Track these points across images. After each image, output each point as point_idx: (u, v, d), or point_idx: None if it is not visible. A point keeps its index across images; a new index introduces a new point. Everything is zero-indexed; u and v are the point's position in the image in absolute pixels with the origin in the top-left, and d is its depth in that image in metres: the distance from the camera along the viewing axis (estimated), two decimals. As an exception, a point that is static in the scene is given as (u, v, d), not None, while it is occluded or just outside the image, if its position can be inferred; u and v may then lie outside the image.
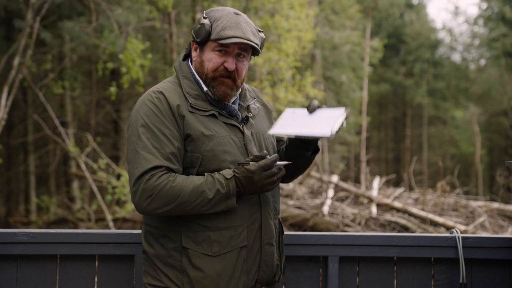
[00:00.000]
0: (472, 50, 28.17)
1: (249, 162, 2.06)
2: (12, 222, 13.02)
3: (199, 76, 2.18)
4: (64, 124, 14.18)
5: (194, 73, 2.20)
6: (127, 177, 9.90)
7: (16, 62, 9.80)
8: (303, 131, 2.08)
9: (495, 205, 10.55)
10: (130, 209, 10.75)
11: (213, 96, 2.17)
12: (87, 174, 11.36)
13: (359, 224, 9.46)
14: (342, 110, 2.11)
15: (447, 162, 26.71)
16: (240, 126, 2.18)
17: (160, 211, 2.04)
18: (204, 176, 2.06)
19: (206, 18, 2.14)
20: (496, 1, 24.24)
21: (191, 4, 12.86)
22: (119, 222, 10.85)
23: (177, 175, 2.04)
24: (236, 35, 2.08)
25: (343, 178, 16.55)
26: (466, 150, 28.03)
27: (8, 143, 15.07)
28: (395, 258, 2.73)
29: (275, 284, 2.28)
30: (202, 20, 2.14)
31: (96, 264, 2.60)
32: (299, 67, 13.70)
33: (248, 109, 2.25)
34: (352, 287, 2.71)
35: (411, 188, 15.65)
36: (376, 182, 11.17)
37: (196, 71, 2.19)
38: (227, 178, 2.04)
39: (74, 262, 2.59)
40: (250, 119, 2.23)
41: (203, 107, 2.14)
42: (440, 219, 9.35)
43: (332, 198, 10.32)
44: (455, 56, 29.80)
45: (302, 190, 11.03)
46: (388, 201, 10.04)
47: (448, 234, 2.75)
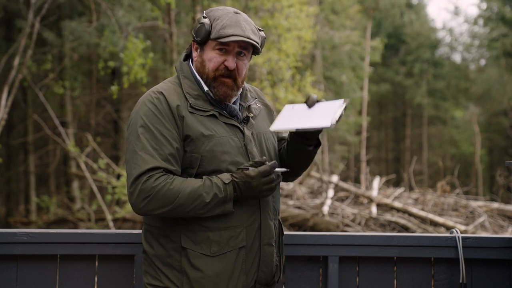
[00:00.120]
0: (472, 50, 28.16)
1: (248, 167, 2.06)
2: (12, 222, 13.02)
3: (200, 76, 2.18)
4: (64, 124, 14.18)
5: (194, 73, 2.19)
6: (127, 177, 9.86)
7: (16, 62, 9.80)
8: (304, 125, 2.09)
9: (495, 205, 10.56)
10: (130, 209, 10.74)
11: (213, 96, 2.16)
12: (87, 174, 11.35)
13: (359, 224, 9.46)
14: (341, 101, 2.12)
15: (447, 162, 26.70)
16: (241, 126, 2.17)
17: (156, 213, 2.04)
18: (202, 179, 2.06)
19: (206, 17, 2.14)
20: (496, 1, 24.23)
21: (191, 4, 12.86)
22: (119, 222, 10.85)
23: (175, 177, 2.04)
24: (235, 33, 2.08)
25: (343, 178, 16.56)
26: (466, 150, 28.02)
27: (8, 143, 15.07)
28: (395, 258, 2.73)
29: (275, 284, 2.27)
30: (202, 19, 2.14)
31: (96, 264, 2.60)
32: (299, 67, 13.69)
33: (249, 109, 2.25)
34: (352, 287, 2.71)
35: (411, 188, 15.65)
36: (376, 182, 11.17)
37: (197, 71, 2.19)
38: (225, 183, 2.04)
39: (74, 262, 2.59)
40: (250, 119, 2.22)
41: (203, 107, 2.13)
42: (440, 219, 9.35)
43: (332, 198, 10.32)
44: (455, 56, 29.84)
45: (302, 190, 11.03)
46: (388, 201, 10.04)
47: (448, 234, 2.75)
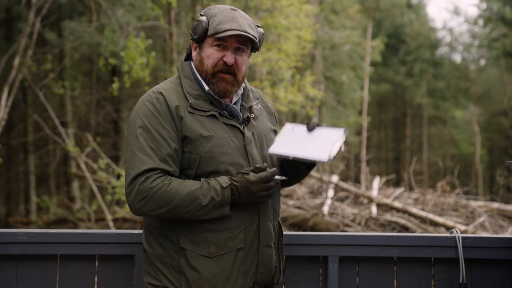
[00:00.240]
0: (472, 50, 28.16)
1: (249, 172, 2.06)
2: (12, 222, 13.02)
3: (200, 74, 2.17)
4: (64, 124, 14.17)
5: (195, 72, 2.19)
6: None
7: (16, 62, 9.79)
8: (300, 153, 2.08)
9: (495, 205, 10.56)
10: (130, 209, 10.72)
11: (213, 93, 2.15)
12: (87, 174, 11.35)
13: (359, 224, 9.46)
14: (341, 131, 2.10)
15: (447, 162, 26.70)
16: (241, 127, 2.16)
17: (153, 214, 2.04)
18: (200, 181, 2.05)
19: (203, 15, 2.15)
20: (496, 1, 24.23)
21: (191, 4, 12.85)
22: (119, 222, 10.86)
23: (172, 179, 2.04)
24: (232, 28, 2.08)
25: (343, 178, 16.56)
26: (466, 150, 28.02)
27: (8, 143, 15.06)
28: (395, 258, 2.73)
29: (274, 286, 2.27)
30: (199, 17, 2.15)
31: (96, 264, 2.60)
32: (299, 67, 13.68)
33: (250, 109, 2.24)
34: (352, 287, 2.71)
35: (411, 188, 15.65)
36: (376, 182, 11.17)
37: (196, 69, 2.19)
38: (223, 187, 2.04)
39: (74, 262, 2.59)
40: (251, 120, 2.21)
41: (203, 107, 2.13)
42: (440, 219, 9.35)
43: (332, 198, 10.32)
44: (455, 56, 29.82)
45: (302, 190, 11.04)
46: (388, 201, 10.04)
47: (448, 234, 2.75)
